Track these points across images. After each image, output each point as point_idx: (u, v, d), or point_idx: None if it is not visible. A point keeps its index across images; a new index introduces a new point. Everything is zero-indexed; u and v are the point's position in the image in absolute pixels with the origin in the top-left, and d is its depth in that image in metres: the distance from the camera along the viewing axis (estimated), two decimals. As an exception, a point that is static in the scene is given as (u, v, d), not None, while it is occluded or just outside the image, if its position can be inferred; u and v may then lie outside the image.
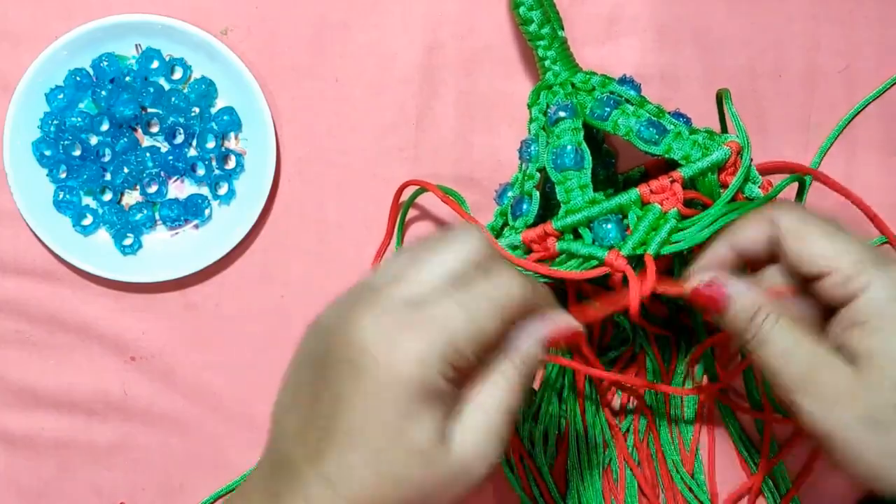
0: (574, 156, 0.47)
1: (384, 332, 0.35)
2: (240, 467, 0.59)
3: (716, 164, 0.46)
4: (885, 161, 0.59)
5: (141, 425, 0.59)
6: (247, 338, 0.59)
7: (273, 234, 0.59)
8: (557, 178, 0.47)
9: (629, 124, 0.48)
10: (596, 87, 0.50)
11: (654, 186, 0.45)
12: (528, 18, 0.51)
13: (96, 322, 0.59)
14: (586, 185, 0.47)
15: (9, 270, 0.58)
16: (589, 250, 0.45)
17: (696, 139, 0.47)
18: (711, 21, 0.58)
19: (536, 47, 0.52)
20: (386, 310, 0.35)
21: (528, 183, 0.49)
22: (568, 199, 0.47)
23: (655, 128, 0.47)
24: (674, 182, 0.45)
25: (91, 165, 0.57)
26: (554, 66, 0.51)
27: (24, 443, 0.59)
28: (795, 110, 0.59)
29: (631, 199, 0.45)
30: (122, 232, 0.58)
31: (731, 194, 0.46)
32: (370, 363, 0.34)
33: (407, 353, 0.34)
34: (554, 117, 0.49)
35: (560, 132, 0.48)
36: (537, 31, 0.51)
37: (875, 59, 0.59)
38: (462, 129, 0.58)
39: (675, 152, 0.47)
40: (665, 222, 0.45)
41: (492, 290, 0.36)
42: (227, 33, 0.58)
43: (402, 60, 0.58)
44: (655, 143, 0.47)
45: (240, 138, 0.58)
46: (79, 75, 0.56)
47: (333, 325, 0.37)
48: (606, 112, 0.49)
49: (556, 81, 0.51)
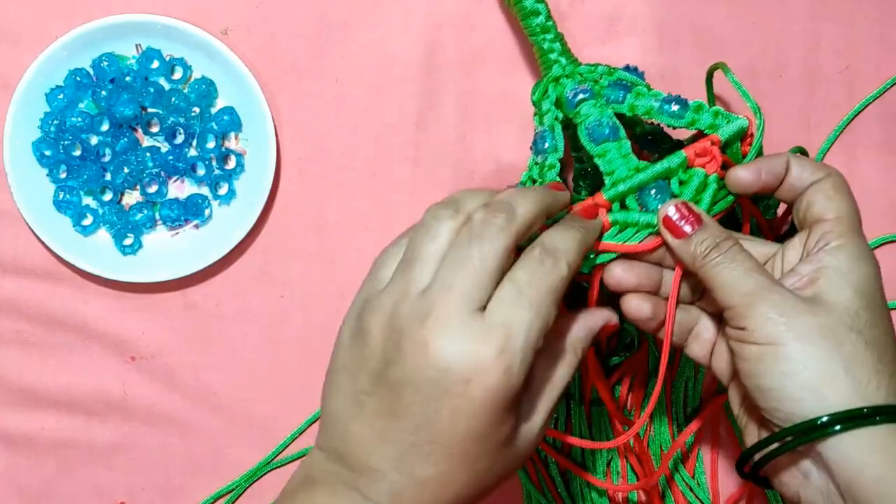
0: (609, 128, 0.47)
1: (464, 350, 0.36)
2: (240, 467, 0.59)
3: (743, 130, 0.46)
4: (885, 161, 0.59)
5: (141, 425, 0.59)
6: (247, 338, 0.59)
7: (273, 234, 0.59)
8: (597, 152, 0.47)
9: (648, 104, 0.48)
10: (603, 75, 0.51)
11: (699, 149, 0.45)
12: (535, 10, 0.51)
13: (96, 322, 0.59)
14: (628, 153, 0.47)
15: (9, 270, 0.58)
16: (646, 218, 0.44)
17: (717, 110, 0.47)
18: (711, 21, 0.58)
19: (543, 41, 0.52)
20: (456, 327, 0.36)
21: (549, 173, 0.49)
22: (612, 169, 0.46)
23: (677, 102, 0.48)
24: (714, 144, 0.45)
25: (91, 165, 0.57)
26: (560, 59, 0.51)
27: (24, 443, 0.59)
28: (796, 110, 0.59)
29: (678, 162, 0.45)
30: (123, 232, 0.58)
31: (755, 153, 0.46)
32: (457, 382, 0.36)
33: (494, 367, 0.36)
34: (575, 100, 0.49)
35: (587, 111, 0.48)
36: (543, 24, 0.51)
37: (875, 59, 0.59)
38: (462, 129, 0.58)
39: (700, 123, 0.47)
40: (708, 186, 0.45)
41: (548, 277, 0.38)
42: (227, 33, 0.58)
43: (402, 60, 0.58)
44: (680, 116, 0.47)
45: (240, 138, 0.58)
46: (79, 75, 0.56)
47: (397, 342, 0.37)
48: (621, 95, 0.49)
49: (564, 73, 0.51)
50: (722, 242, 0.41)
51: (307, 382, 0.59)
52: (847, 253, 0.40)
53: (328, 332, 0.59)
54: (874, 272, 0.41)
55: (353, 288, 0.59)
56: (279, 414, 0.59)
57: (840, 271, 0.40)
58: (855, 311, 0.39)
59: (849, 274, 0.40)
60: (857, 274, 0.40)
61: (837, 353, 0.38)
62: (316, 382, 0.59)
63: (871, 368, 0.38)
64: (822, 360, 0.38)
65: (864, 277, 0.40)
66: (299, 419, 0.59)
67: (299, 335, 0.59)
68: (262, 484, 0.59)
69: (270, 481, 0.59)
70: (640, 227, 0.44)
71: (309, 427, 0.59)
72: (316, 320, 0.59)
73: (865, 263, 0.40)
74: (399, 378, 0.37)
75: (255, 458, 0.59)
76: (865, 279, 0.40)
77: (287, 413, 0.59)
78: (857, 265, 0.40)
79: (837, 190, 0.42)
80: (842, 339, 0.38)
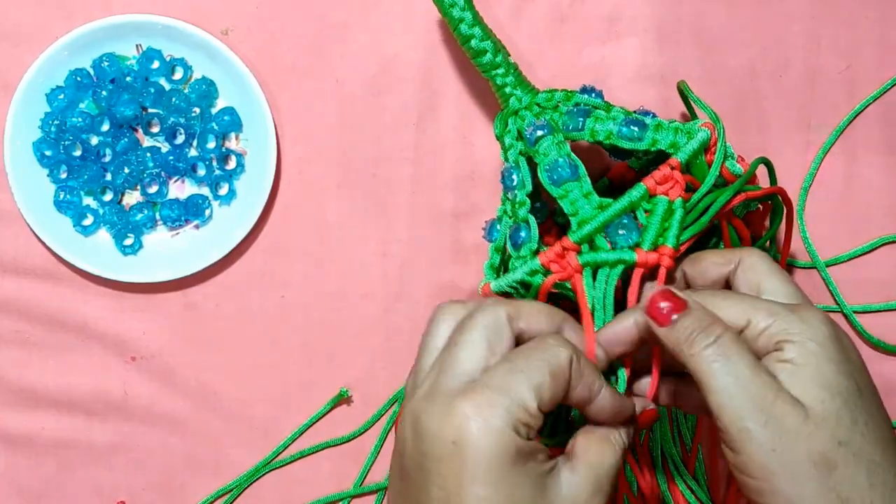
0: (568, 167, 0.47)
1: (444, 411, 0.36)
2: (240, 467, 0.59)
3: (704, 143, 0.46)
4: (885, 161, 0.59)
5: (141, 425, 0.59)
6: (247, 338, 0.59)
7: (273, 234, 0.59)
8: (558, 193, 0.47)
9: (607, 128, 0.48)
10: (560, 101, 0.50)
11: (658, 177, 0.45)
12: (481, 49, 0.51)
13: (96, 322, 0.59)
14: (589, 192, 0.46)
15: (9, 270, 0.58)
16: (617, 255, 0.44)
17: (676, 127, 0.47)
18: (711, 21, 0.58)
19: (494, 77, 0.51)
20: (442, 397, 0.37)
21: (520, 210, 0.48)
22: (575, 210, 0.46)
23: (635, 124, 0.47)
24: (674, 169, 0.45)
25: (92, 166, 0.57)
26: (515, 92, 0.51)
27: (24, 443, 0.59)
28: (796, 110, 0.59)
29: (639, 194, 0.45)
30: (123, 232, 0.58)
31: (719, 165, 0.46)
32: (445, 445, 0.36)
33: (475, 422, 0.36)
34: (533, 137, 0.49)
35: (546, 149, 0.48)
36: (492, 61, 0.51)
37: (876, 60, 0.59)
38: (462, 129, 0.58)
39: (661, 143, 0.47)
40: (674, 212, 0.45)
41: (537, 350, 0.38)
42: (227, 33, 0.58)
43: (402, 60, 0.58)
44: (639, 138, 0.47)
45: (240, 138, 0.58)
46: (79, 75, 0.56)
47: (407, 429, 0.38)
48: (580, 122, 0.48)
49: (521, 105, 0.51)
50: (709, 328, 0.39)
51: (307, 382, 0.59)
52: (803, 350, 0.38)
53: (328, 332, 0.59)
54: (839, 355, 0.39)
55: (353, 288, 0.59)
56: (279, 414, 0.59)
57: (806, 375, 0.38)
58: (836, 417, 0.37)
59: (816, 375, 0.38)
60: (821, 370, 0.38)
61: (830, 479, 0.37)
62: (316, 382, 0.59)
63: (863, 488, 0.37)
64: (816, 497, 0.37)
65: (829, 371, 0.38)
66: (299, 419, 0.59)
67: (299, 335, 0.59)
68: (261, 484, 0.59)
69: (270, 481, 0.59)
70: (612, 264, 0.44)
71: (309, 427, 0.59)
72: (316, 320, 0.59)
73: (825, 350, 0.38)
74: (409, 465, 0.37)
75: (255, 458, 0.59)
76: (832, 373, 0.38)
77: (287, 413, 0.59)
78: (816, 360, 0.38)
79: (765, 274, 0.43)
80: (832, 461, 0.37)
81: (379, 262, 0.59)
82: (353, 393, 0.59)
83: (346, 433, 0.59)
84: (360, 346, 0.59)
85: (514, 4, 0.57)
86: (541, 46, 0.58)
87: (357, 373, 0.59)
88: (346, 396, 0.59)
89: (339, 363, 0.59)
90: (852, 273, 0.58)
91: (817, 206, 0.59)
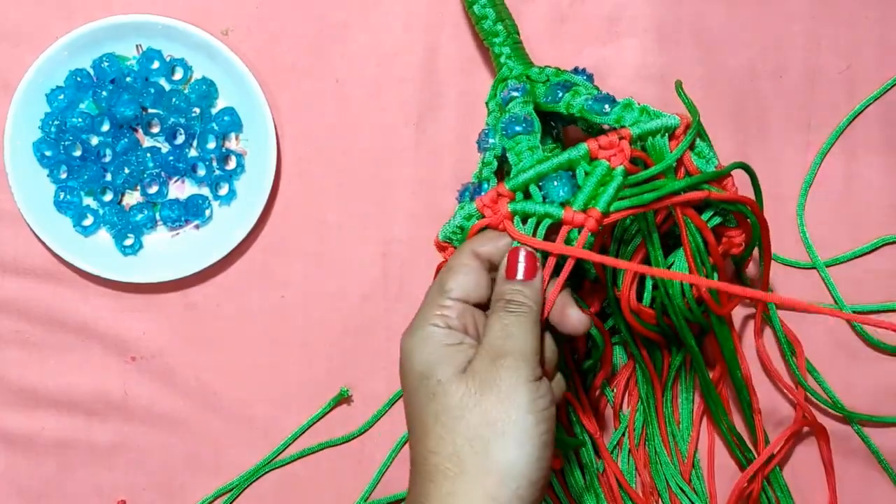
0: (524, 122, 0.48)
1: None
2: (240, 467, 0.59)
3: (664, 127, 0.47)
4: (885, 161, 0.59)
5: (141, 425, 0.59)
6: (247, 338, 0.59)
7: (273, 234, 0.59)
8: (509, 145, 0.48)
9: (581, 102, 0.49)
10: (550, 76, 0.51)
11: (603, 142, 0.45)
12: (482, 15, 0.53)
13: (96, 322, 0.59)
14: (535, 146, 0.47)
15: (9, 270, 0.58)
16: (544, 208, 0.44)
17: (645, 108, 0.48)
18: (711, 21, 0.58)
19: (492, 44, 0.53)
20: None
21: (485, 169, 0.50)
22: (518, 160, 0.47)
23: (606, 101, 0.48)
24: (622, 139, 0.45)
25: (92, 166, 0.57)
26: (508, 62, 0.52)
27: (24, 443, 0.59)
28: (796, 111, 0.59)
29: (580, 153, 0.45)
30: (123, 232, 0.58)
31: (680, 153, 0.47)
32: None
33: (408, 332, 0.44)
34: (507, 98, 0.50)
35: (511, 107, 0.49)
36: (492, 27, 0.53)
37: (876, 60, 0.59)
38: (462, 129, 0.58)
39: (625, 120, 0.48)
40: (612, 179, 0.45)
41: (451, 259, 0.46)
42: (227, 34, 0.58)
43: (402, 60, 0.58)
44: (606, 113, 0.48)
45: (240, 139, 0.58)
46: (79, 76, 0.56)
47: None
48: (559, 95, 0.49)
49: (511, 75, 0.52)
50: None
51: (307, 382, 0.59)
52: None
53: (328, 332, 0.59)
54: None
55: (353, 288, 0.59)
56: (279, 414, 0.59)
57: None
58: None
59: None
60: None
61: None
62: (316, 382, 0.59)
63: None
64: None
65: None
66: (299, 419, 0.59)
67: (299, 335, 0.59)
68: (261, 484, 0.59)
69: (270, 481, 0.59)
70: (539, 216, 0.45)
71: (309, 427, 0.59)
72: (316, 320, 0.59)
73: None
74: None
75: (255, 458, 0.59)
76: None
77: (287, 413, 0.59)
78: None
79: None
80: None
81: (379, 262, 0.59)
82: (353, 393, 0.59)
83: (346, 433, 0.59)
84: (360, 346, 0.59)
85: (514, 5, 0.56)
86: (541, 46, 0.58)
87: (357, 373, 0.59)
88: (346, 396, 0.59)
89: (339, 363, 0.59)
90: (852, 273, 0.58)
91: (817, 206, 0.59)
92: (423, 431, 0.41)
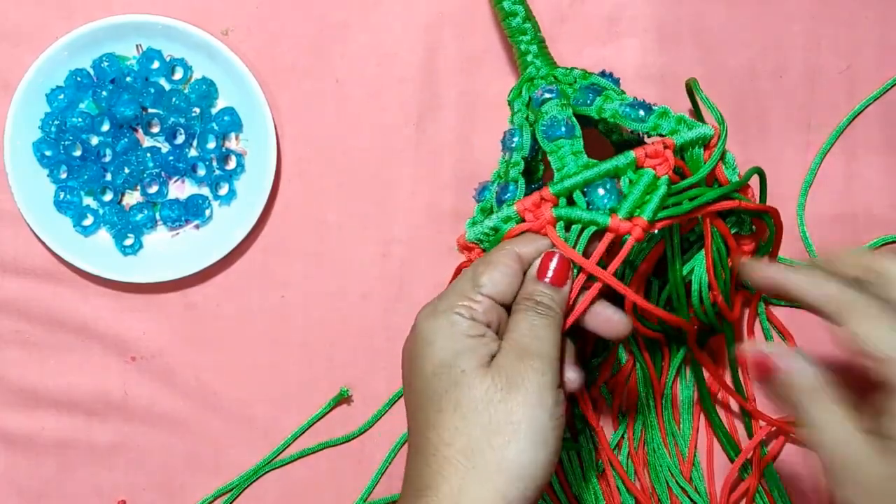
0: (565, 126, 0.47)
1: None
2: (240, 467, 0.59)
3: (703, 137, 0.47)
4: (885, 161, 0.59)
5: (141, 425, 0.59)
6: (247, 338, 0.59)
7: (273, 234, 0.59)
8: (550, 148, 0.47)
9: (614, 107, 0.48)
10: (577, 79, 0.51)
11: (650, 150, 0.45)
12: (512, 11, 0.52)
13: (96, 322, 0.59)
14: (580, 151, 0.47)
15: (9, 270, 0.58)
16: (591, 216, 0.44)
17: (681, 117, 0.48)
18: (711, 21, 0.58)
19: (519, 42, 0.52)
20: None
21: (513, 170, 0.49)
22: (562, 165, 0.47)
23: (642, 107, 0.48)
24: (667, 148, 0.45)
25: (92, 166, 0.57)
26: (536, 61, 0.52)
27: (24, 443, 0.59)
28: (796, 111, 0.59)
29: (626, 161, 0.45)
30: (123, 232, 0.58)
31: (714, 163, 0.47)
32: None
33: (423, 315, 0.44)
34: (540, 99, 0.49)
35: (548, 108, 0.49)
36: (520, 25, 0.52)
37: (876, 60, 0.59)
38: (462, 130, 0.58)
39: (662, 128, 0.47)
40: (657, 188, 0.45)
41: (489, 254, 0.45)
42: (227, 34, 0.58)
43: (402, 60, 0.58)
44: (643, 120, 0.48)
45: (240, 139, 0.58)
46: (79, 75, 0.56)
47: None
48: (590, 98, 0.49)
49: (538, 74, 0.52)
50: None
51: (307, 382, 0.59)
52: None
53: (328, 332, 0.59)
54: None
55: (353, 288, 0.59)
56: (279, 414, 0.59)
57: None
58: None
59: None
60: None
61: None
62: (316, 382, 0.59)
63: None
64: None
65: None
66: (299, 419, 0.59)
67: (299, 335, 0.59)
68: (261, 484, 0.59)
69: (270, 481, 0.59)
70: (585, 223, 0.44)
71: (309, 427, 0.59)
72: (316, 320, 0.59)
73: None
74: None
75: (255, 458, 0.59)
76: None
77: (287, 413, 0.59)
78: None
79: None
80: None
81: (379, 262, 0.59)
82: (353, 393, 0.59)
83: (346, 433, 0.59)
84: (360, 346, 0.59)
85: (514, 4, 0.57)
86: (541, 46, 0.58)
87: (357, 373, 0.59)
88: (346, 396, 0.59)
89: (339, 363, 0.59)
90: (852, 273, 0.58)
91: (817, 206, 0.59)
92: (437, 420, 0.41)
